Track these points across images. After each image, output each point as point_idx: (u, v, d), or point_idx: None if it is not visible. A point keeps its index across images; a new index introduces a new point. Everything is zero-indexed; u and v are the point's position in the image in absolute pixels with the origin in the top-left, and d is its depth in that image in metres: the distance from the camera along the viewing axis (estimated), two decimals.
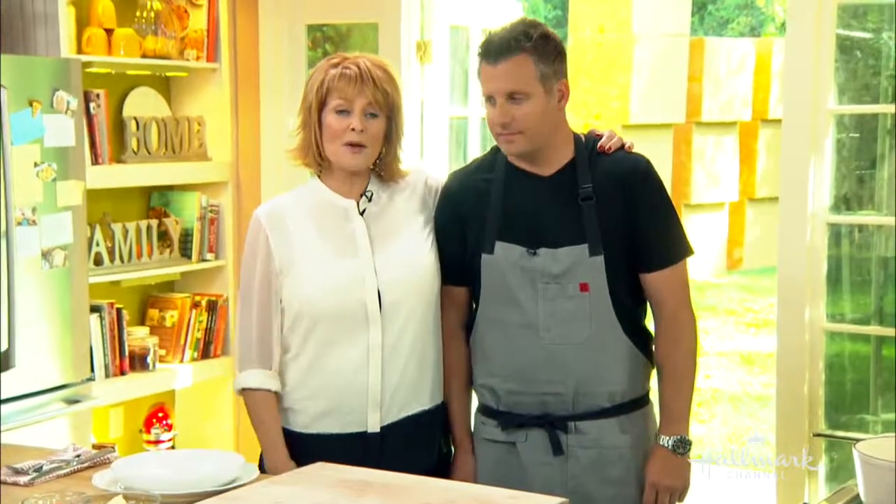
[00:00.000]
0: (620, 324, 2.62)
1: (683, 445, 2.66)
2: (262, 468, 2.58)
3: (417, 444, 2.67)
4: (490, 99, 2.59)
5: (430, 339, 2.69)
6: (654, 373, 2.73)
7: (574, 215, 2.60)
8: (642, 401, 2.71)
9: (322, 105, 2.61)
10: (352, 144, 2.59)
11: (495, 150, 2.72)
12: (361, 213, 2.66)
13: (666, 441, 2.66)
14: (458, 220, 2.69)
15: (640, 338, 2.68)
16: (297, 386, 2.65)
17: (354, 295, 2.59)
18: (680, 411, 2.67)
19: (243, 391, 2.66)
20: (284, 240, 2.63)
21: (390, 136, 2.66)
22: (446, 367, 2.73)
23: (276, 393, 2.64)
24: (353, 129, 2.58)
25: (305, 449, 2.60)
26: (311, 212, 2.66)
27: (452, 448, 2.78)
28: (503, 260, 2.63)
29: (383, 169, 2.69)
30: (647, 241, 2.63)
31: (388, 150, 2.68)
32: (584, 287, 2.59)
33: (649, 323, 2.73)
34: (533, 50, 2.55)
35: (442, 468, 2.71)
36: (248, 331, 2.65)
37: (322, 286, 2.60)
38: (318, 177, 2.70)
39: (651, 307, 2.70)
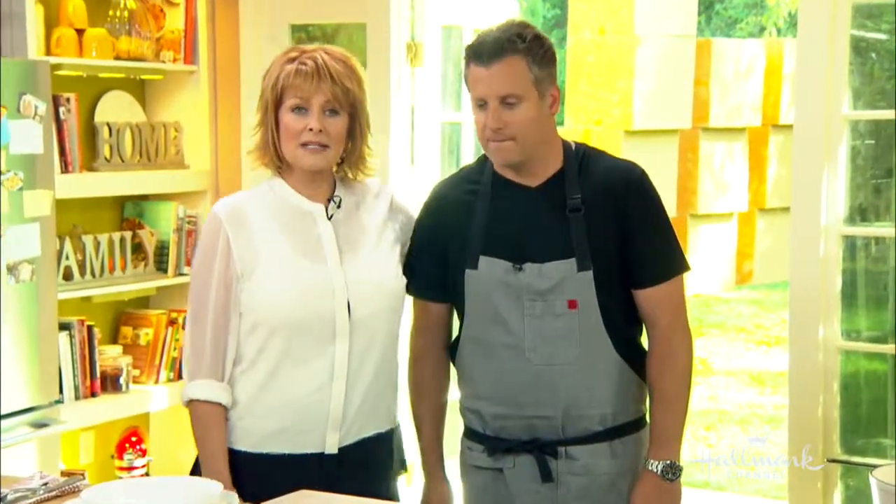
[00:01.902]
0: (612, 342, 2.61)
1: (673, 471, 2.64)
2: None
3: (372, 467, 2.65)
4: (481, 103, 2.57)
5: (394, 358, 2.68)
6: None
7: (562, 228, 2.59)
8: (636, 424, 2.69)
9: (278, 103, 2.57)
10: (310, 144, 2.56)
11: (484, 159, 2.71)
12: (329, 218, 2.63)
13: (655, 466, 2.64)
14: (441, 233, 2.68)
15: (634, 357, 2.66)
16: (249, 402, 2.58)
17: (322, 304, 2.55)
18: (670, 435, 2.65)
19: (190, 403, 2.59)
20: (247, 240, 2.57)
21: (354, 133, 2.62)
22: (416, 388, 2.74)
23: (224, 407, 2.58)
24: (310, 129, 2.55)
25: (250, 471, 2.55)
26: (274, 212, 2.61)
27: (405, 472, 2.76)
28: (487, 276, 2.61)
29: (349, 168, 2.66)
30: (639, 256, 2.62)
31: (353, 148, 2.64)
32: (572, 304, 2.58)
33: (645, 341, 2.72)
34: (527, 51, 2.55)
35: (394, 493, 2.70)
36: (200, 338, 2.57)
37: (287, 292, 2.54)
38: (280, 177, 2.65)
39: (644, 325, 2.69)
